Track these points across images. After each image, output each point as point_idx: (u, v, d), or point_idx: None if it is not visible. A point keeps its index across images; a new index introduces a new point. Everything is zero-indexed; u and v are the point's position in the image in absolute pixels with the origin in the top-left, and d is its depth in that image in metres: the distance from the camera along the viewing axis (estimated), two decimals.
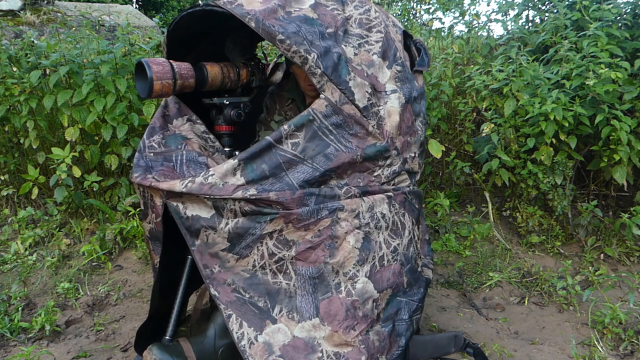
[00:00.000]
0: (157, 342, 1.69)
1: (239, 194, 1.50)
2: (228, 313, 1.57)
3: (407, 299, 1.72)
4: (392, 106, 1.69)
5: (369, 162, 1.66)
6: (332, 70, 1.56)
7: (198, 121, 1.82)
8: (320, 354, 1.54)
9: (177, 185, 1.54)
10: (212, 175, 1.53)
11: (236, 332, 1.55)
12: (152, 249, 1.77)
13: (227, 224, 1.55)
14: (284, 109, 2.08)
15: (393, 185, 1.75)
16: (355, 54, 1.66)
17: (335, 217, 1.57)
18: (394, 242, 1.68)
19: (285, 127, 1.55)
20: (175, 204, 1.58)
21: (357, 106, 1.61)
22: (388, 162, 1.70)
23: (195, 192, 1.52)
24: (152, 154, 1.72)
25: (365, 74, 1.66)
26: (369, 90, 1.64)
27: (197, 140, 1.74)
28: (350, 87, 1.59)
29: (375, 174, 1.69)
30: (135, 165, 1.69)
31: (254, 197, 1.50)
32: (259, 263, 1.58)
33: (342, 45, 1.65)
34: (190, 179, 1.54)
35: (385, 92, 1.70)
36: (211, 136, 1.84)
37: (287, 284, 1.57)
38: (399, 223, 1.71)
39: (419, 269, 1.81)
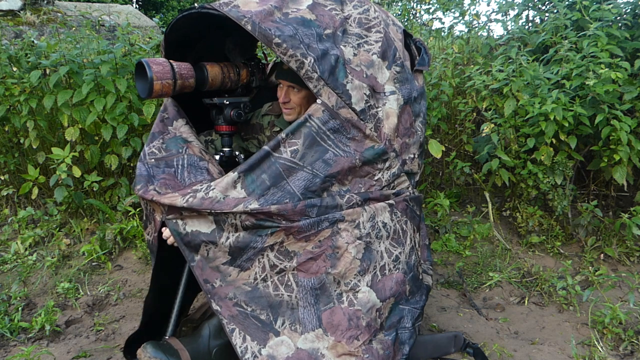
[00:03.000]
0: (151, 341, 1.69)
1: (240, 207, 1.49)
2: (231, 327, 1.56)
3: (409, 307, 1.71)
4: (390, 108, 1.69)
5: (369, 166, 1.65)
6: (328, 74, 1.55)
7: (192, 128, 1.82)
8: None
9: (179, 200, 1.53)
10: (213, 189, 1.52)
11: (240, 346, 1.55)
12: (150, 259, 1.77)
13: (227, 238, 1.54)
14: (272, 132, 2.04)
15: (393, 188, 1.74)
16: (355, 54, 1.65)
17: (335, 227, 1.57)
18: (395, 250, 1.68)
19: (283, 135, 1.55)
20: (174, 220, 1.58)
21: (354, 110, 1.60)
22: (387, 164, 1.69)
23: (196, 207, 1.51)
24: (153, 160, 1.71)
25: (365, 75, 1.65)
26: (367, 92, 1.64)
27: (198, 144, 1.74)
28: (347, 90, 1.59)
29: (376, 178, 1.68)
30: (138, 175, 1.69)
31: (255, 210, 1.50)
32: (260, 276, 1.57)
33: (341, 46, 1.64)
34: (191, 193, 1.54)
35: (384, 93, 1.69)
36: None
37: (288, 296, 1.57)
38: (400, 231, 1.70)
39: (420, 277, 1.80)
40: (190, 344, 1.71)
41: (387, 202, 1.68)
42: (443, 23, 8.57)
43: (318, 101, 1.57)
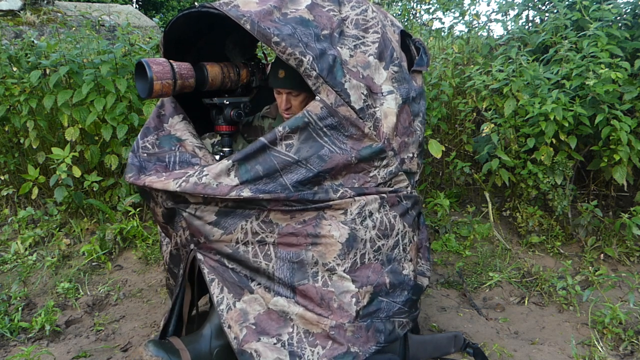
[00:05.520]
0: (153, 340, 1.69)
1: (232, 194, 1.53)
2: (211, 277, 1.64)
3: (388, 300, 1.72)
4: (388, 107, 1.69)
5: (364, 163, 1.67)
6: (327, 73, 1.57)
7: (191, 123, 1.83)
8: (291, 329, 1.60)
9: (171, 185, 1.56)
10: (206, 175, 1.55)
11: (217, 296, 1.62)
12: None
13: (217, 204, 1.59)
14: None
15: (390, 186, 1.74)
16: (351, 56, 1.67)
17: (322, 211, 1.61)
18: (379, 242, 1.69)
19: (280, 129, 1.56)
20: None
21: (352, 108, 1.61)
22: (384, 162, 1.70)
23: (189, 191, 1.54)
24: (145, 155, 1.74)
25: (361, 76, 1.66)
26: (365, 92, 1.65)
27: (192, 141, 1.75)
28: (345, 89, 1.60)
29: (371, 174, 1.69)
30: (129, 164, 1.72)
31: (248, 199, 1.53)
32: (242, 240, 1.62)
33: (338, 47, 1.65)
34: (184, 178, 1.56)
35: (382, 93, 1.70)
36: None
37: (266, 264, 1.61)
38: (387, 224, 1.71)
39: (405, 272, 1.78)
40: (191, 343, 1.71)
41: (379, 195, 1.70)
42: (443, 23, 8.57)
43: (317, 98, 1.58)
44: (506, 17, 3.69)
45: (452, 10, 4.28)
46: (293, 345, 1.58)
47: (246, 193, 1.53)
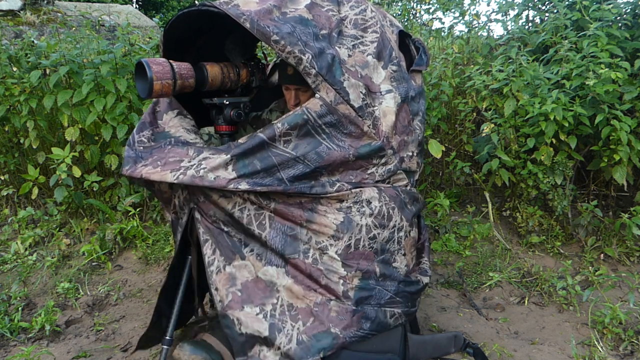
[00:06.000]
0: (187, 340, 1.71)
1: (230, 187, 1.54)
2: (205, 238, 1.66)
3: (380, 287, 1.72)
4: (387, 106, 1.70)
5: (363, 161, 1.68)
6: (326, 71, 1.58)
7: (188, 116, 1.84)
8: (275, 300, 1.61)
9: (169, 176, 1.56)
10: (203, 168, 1.55)
11: (209, 257, 1.64)
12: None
13: None
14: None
15: (388, 184, 1.75)
16: (349, 56, 1.68)
17: (319, 198, 1.63)
18: (375, 230, 1.70)
19: (279, 125, 1.57)
20: None
21: (352, 106, 1.62)
22: (383, 160, 1.71)
23: (187, 183, 1.55)
24: (141, 147, 1.74)
25: (359, 75, 1.67)
26: (364, 91, 1.66)
27: (185, 138, 1.75)
28: (344, 87, 1.61)
29: (369, 171, 1.70)
30: (126, 157, 1.72)
31: (246, 190, 1.55)
32: (239, 205, 1.63)
33: (336, 47, 1.66)
34: (181, 170, 1.56)
35: (380, 92, 1.71)
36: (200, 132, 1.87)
37: (259, 233, 1.63)
38: (385, 214, 1.72)
39: (395, 265, 1.78)
40: (224, 338, 1.71)
41: (375, 186, 1.71)
42: (443, 23, 8.57)
43: (317, 96, 1.59)
44: (506, 17, 3.69)
45: (452, 10, 4.28)
46: (275, 317, 1.60)
47: (243, 186, 1.54)
